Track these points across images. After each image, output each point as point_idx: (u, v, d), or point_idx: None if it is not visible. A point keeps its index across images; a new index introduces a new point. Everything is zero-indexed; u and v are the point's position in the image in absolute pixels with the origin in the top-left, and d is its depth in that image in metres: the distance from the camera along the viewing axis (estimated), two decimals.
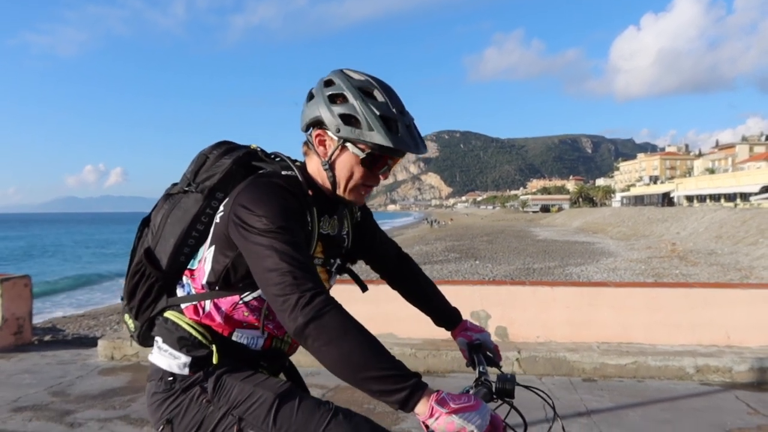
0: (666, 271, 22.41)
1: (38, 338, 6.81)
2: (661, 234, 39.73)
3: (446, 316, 1.96)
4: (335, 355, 1.26)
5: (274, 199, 1.42)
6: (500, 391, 1.55)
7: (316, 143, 1.54)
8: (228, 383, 1.50)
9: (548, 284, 5.78)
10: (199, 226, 1.57)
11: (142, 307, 1.61)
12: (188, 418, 1.50)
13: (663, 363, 5.00)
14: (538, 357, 5.17)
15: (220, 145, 1.66)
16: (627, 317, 5.50)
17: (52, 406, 4.38)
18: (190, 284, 1.58)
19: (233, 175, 1.58)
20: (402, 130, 1.46)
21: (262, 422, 1.45)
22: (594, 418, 4.06)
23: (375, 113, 1.45)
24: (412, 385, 1.25)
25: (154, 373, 1.58)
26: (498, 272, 22.53)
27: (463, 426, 1.23)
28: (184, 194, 1.60)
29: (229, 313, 1.54)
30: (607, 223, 57.57)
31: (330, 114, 1.48)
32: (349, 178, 1.52)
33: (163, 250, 1.58)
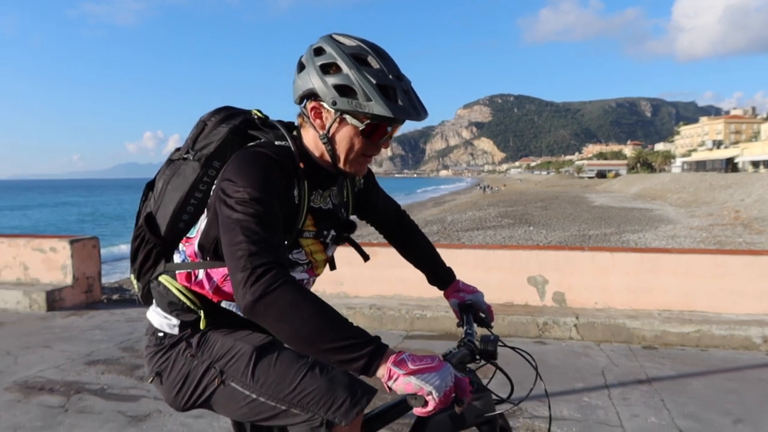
0: (729, 239, 21.50)
1: (107, 297, 7.15)
2: (724, 201, 38.04)
3: (440, 275, 1.97)
4: (288, 330, 1.23)
5: (256, 171, 1.38)
6: (483, 352, 1.55)
7: (312, 116, 1.49)
8: (211, 338, 1.56)
9: (608, 250, 5.63)
10: (197, 194, 1.55)
11: (142, 270, 1.64)
12: (175, 371, 1.57)
13: (728, 332, 4.83)
14: (596, 323, 5.07)
15: (219, 112, 1.62)
16: (690, 285, 5.32)
17: (122, 360, 4.61)
18: (185, 252, 1.59)
19: (229, 144, 1.55)
20: (401, 97, 1.40)
21: (241, 374, 1.49)
22: (655, 385, 3.98)
23: (371, 82, 1.38)
24: (370, 352, 1.23)
25: (148, 328, 1.66)
26: (552, 238, 22.14)
27: (420, 387, 1.21)
28: (184, 161, 1.58)
29: (220, 284, 1.55)
30: (666, 189, 55.49)
31: (324, 85, 1.41)
32: (350, 150, 1.48)
33: (162, 216, 1.58)
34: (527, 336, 5.08)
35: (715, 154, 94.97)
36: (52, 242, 6.70)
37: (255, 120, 1.61)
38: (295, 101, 1.53)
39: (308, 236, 1.57)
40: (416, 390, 1.21)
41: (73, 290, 6.58)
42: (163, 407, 3.64)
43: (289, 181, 1.46)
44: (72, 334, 5.38)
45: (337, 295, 5.95)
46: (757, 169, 71.35)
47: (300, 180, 1.49)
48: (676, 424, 3.37)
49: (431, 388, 1.21)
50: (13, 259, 6.88)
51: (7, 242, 6.95)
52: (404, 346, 4.79)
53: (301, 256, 1.58)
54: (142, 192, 1.69)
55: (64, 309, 6.37)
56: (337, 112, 1.43)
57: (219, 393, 1.52)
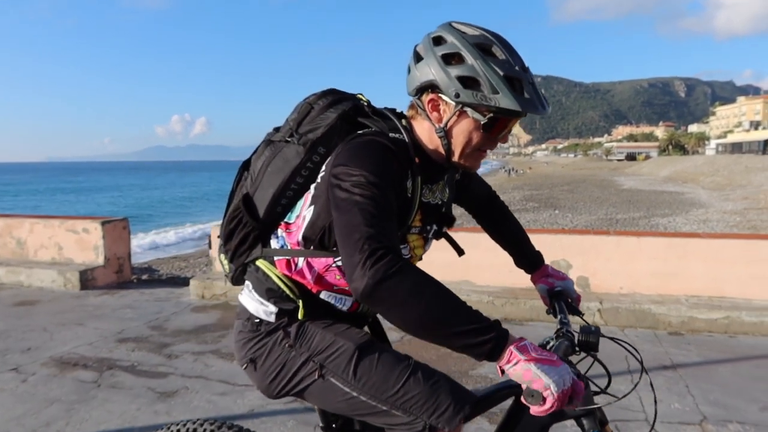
0: (764, 223, 20.97)
1: (137, 277, 7.33)
2: (761, 184, 37.02)
3: (529, 258, 1.93)
4: (410, 315, 1.19)
5: (373, 158, 1.34)
6: (583, 343, 1.47)
7: (429, 108, 1.43)
8: (310, 330, 1.52)
9: (634, 234, 5.55)
10: (298, 179, 1.50)
11: (237, 253, 1.62)
12: (271, 359, 1.54)
13: (759, 319, 4.74)
14: (620, 308, 5.03)
15: (326, 95, 1.56)
16: (720, 270, 5.22)
17: (151, 338, 4.74)
18: (285, 238, 1.55)
19: (337, 130, 1.49)
20: (527, 90, 1.34)
21: (342, 371, 1.47)
22: (680, 371, 3.94)
23: (498, 73, 1.32)
24: (495, 337, 1.19)
25: (242, 312, 1.62)
26: (578, 222, 21.88)
27: (539, 377, 1.17)
28: (286, 143, 1.52)
29: (321, 274, 1.51)
30: (699, 172, 54.23)
31: (446, 77, 1.35)
32: (467, 144, 1.43)
33: (261, 198, 1.54)
34: (550, 320, 5.06)
35: (753, 135, 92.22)
36: (85, 223, 6.88)
37: (364, 106, 1.56)
38: (410, 93, 1.48)
39: (414, 231, 1.54)
40: (533, 379, 1.18)
41: (104, 270, 6.76)
42: (190, 384, 3.74)
43: (404, 174, 1.42)
44: (104, 313, 5.54)
45: None
46: None
47: (414, 174, 1.45)
48: (700, 410, 3.34)
49: (550, 382, 1.17)
50: (48, 239, 7.08)
51: (42, 223, 7.15)
52: None
53: (406, 251, 1.54)
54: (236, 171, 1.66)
55: (96, 288, 6.55)
56: (459, 104, 1.37)
57: (316, 386, 1.51)
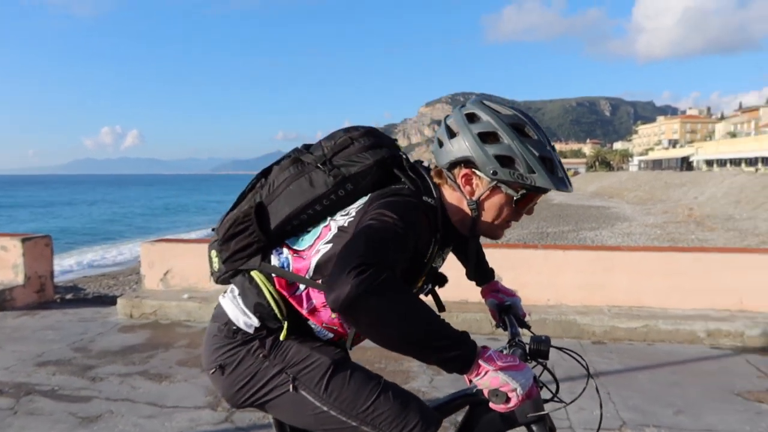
0: (682, 236, 22.23)
1: (60, 296, 7.00)
2: (679, 199, 39.27)
3: (482, 272, 1.99)
4: (389, 329, 1.20)
5: (406, 212, 1.37)
6: (534, 352, 1.57)
7: (462, 182, 1.48)
8: (286, 342, 1.53)
9: (561, 248, 5.78)
10: (317, 206, 1.51)
11: (233, 258, 1.58)
12: (242, 367, 1.54)
13: (674, 327, 5.02)
14: (548, 320, 5.21)
15: (368, 136, 1.57)
16: (640, 282, 5.51)
17: (74, 361, 4.53)
18: (290, 260, 1.53)
19: (370, 173, 1.52)
20: (557, 169, 1.43)
21: (315, 385, 1.50)
22: (602, 379, 4.12)
23: (534, 154, 1.40)
24: (467, 351, 1.25)
25: (219, 316, 1.60)
26: (511, 236, 22.50)
27: (507, 382, 1.26)
28: (316, 168, 1.52)
29: (318, 309, 1.52)
30: (623, 187, 56.94)
31: (483, 155, 1.42)
32: (497, 217, 1.49)
33: (274, 212, 1.53)
34: (480, 333, 5.18)
35: (671, 153, 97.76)
36: (3, 240, 6.51)
37: (401, 158, 1.58)
38: (444, 166, 1.51)
39: (413, 291, 1.58)
40: (502, 385, 1.25)
41: (24, 290, 6.41)
42: (115, 408, 3.60)
43: (429, 239, 1.47)
44: (23, 335, 5.25)
45: None
46: (711, 167, 73.78)
47: (436, 241, 1.50)
48: (620, 416, 3.50)
49: (517, 385, 1.26)
50: None
51: None
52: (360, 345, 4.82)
53: None
54: (254, 176, 1.64)
55: (15, 309, 6.19)
56: (494, 181, 1.44)
57: (286, 398, 1.52)
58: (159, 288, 6.32)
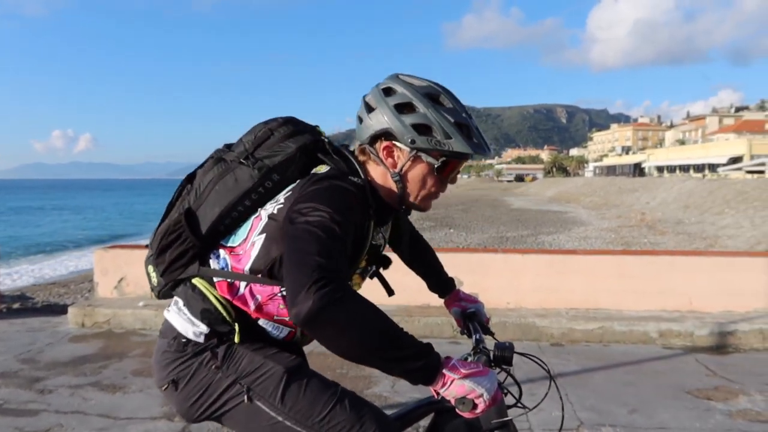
0: (635, 239, 22.88)
1: (6, 306, 6.70)
2: (632, 204, 40.40)
3: (442, 284, 2.02)
4: (351, 341, 1.22)
5: (339, 201, 1.37)
6: (498, 358, 1.59)
7: (384, 155, 1.50)
8: (239, 352, 1.50)
9: (519, 252, 5.87)
10: (247, 201, 1.51)
11: (170, 268, 1.57)
12: (195, 381, 1.50)
13: (628, 328, 5.15)
14: (507, 323, 5.27)
15: (288, 124, 1.58)
16: (595, 284, 5.63)
17: (21, 373, 4.35)
18: (228, 260, 1.52)
19: (294, 161, 1.54)
20: (475, 135, 1.46)
21: (269, 394, 1.46)
22: (560, 381, 4.18)
23: (449, 120, 1.43)
24: (431, 362, 1.26)
25: (167, 331, 1.56)
26: (472, 240, 22.75)
27: (473, 389, 1.26)
28: (240, 165, 1.53)
29: (264, 303, 1.49)
30: (579, 192, 58.29)
31: (401, 125, 1.44)
32: (422, 188, 1.51)
33: (204, 215, 1.53)
34: (442, 337, 5.21)
35: (624, 159, 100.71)
36: None
37: (324, 142, 1.59)
38: (363, 141, 1.52)
39: (357, 272, 1.58)
40: (468, 392, 1.26)
41: None
42: (65, 421, 3.47)
43: (364, 218, 1.46)
44: None
45: None
46: (662, 173, 76.26)
47: (371, 218, 1.49)
48: (577, 416, 3.56)
49: (483, 391, 1.26)
50: None
51: None
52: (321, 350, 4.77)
53: None
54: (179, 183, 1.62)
55: None
56: (413, 150, 1.45)
57: (240, 409, 1.47)
58: (113, 296, 6.14)
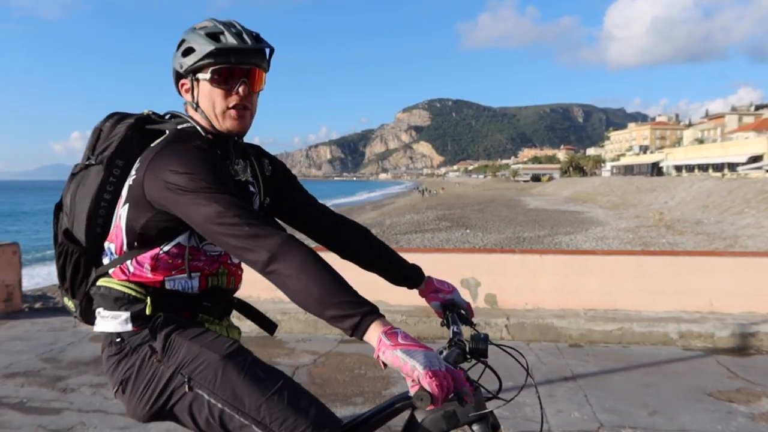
0: (653, 240, 22.64)
1: (28, 305, 6.82)
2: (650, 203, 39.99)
3: (406, 274, 1.89)
4: (297, 286, 1.31)
5: (196, 156, 1.45)
6: (473, 351, 1.55)
7: (184, 94, 1.61)
8: (177, 342, 1.51)
9: (537, 252, 5.83)
10: (105, 195, 1.59)
11: (75, 285, 1.64)
12: (140, 379, 1.52)
13: (647, 329, 5.10)
14: (526, 323, 5.25)
15: (111, 116, 1.67)
16: (614, 285, 5.59)
17: (44, 372, 4.41)
18: (111, 249, 1.59)
19: (130, 141, 1.61)
20: (227, 36, 1.51)
21: (209, 382, 1.47)
22: (579, 382, 4.16)
23: (201, 35, 1.52)
24: (363, 312, 1.28)
25: (104, 340, 1.60)
26: (488, 241, 22.67)
27: (406, 362, 1.21)
28: (86, 169, 1.60)
29: (153, 267, 1.54)
30: (596, 192, 57.79)
31: (175, 60, 1.57)
32: (213, 106, 1.55)
33: (78, 226, 1.60)
34: None
35: (642, 158, 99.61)
36: None
37: (150, 115, 1.68)
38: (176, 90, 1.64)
39: None
40: (401, 365, 1.22)
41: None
42: (87, 420, 3.51)
43: (215, 156, 1.53)
44: None
45: (271, 300, 5.90)
46: (680, 173, 75.33)
47: (214, 151, 1.56)
48: (597, 418, 3.53)
49: (415, 363, 1.20)
50: None
51: None
52: (339, 351, 4.80)
53: None
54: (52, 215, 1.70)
55: None
56: (188, 74, 1.55)
57: (185, 400, 1.49)
58: None
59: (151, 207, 1.48)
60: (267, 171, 1.79)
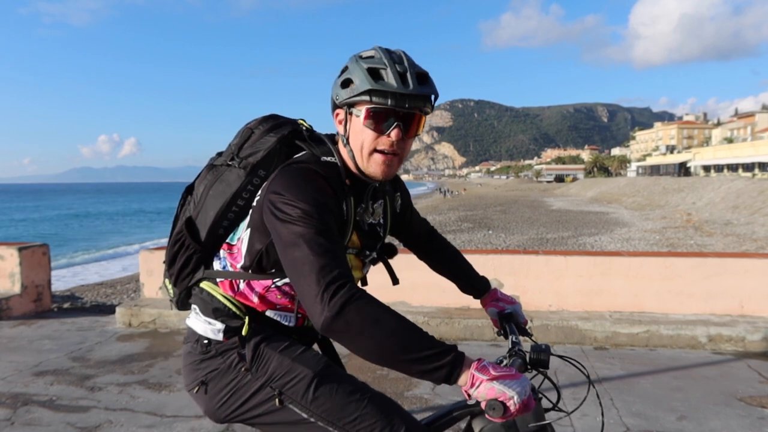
0: (681, 241, 22.24)
1: (57, 305, 6.95)
2: (677, 204, 39.33)
3: (474, 284, 1.99)
4: (369, 345, 1.24)
5: (308, 186, 1.39)
6: (534, 361, 1.55)
7: (337, 124, 1.54)
8: (266, 354, 1.52)
9: (561, 253, 5.76)
10: (239, 201, 1.55)
11: (180, 276, 1.64)
12: (224, 382, 1.53)
13: (675, 332, 5.01)
14: (550, 325, 5.19)
15: (267, 120, 1.63)
16: (640, 287, 5.49)
17: (72, 370, 4.49)
18: (227, 259, 1.59)
19: (277, 154, 1.56)
20: (389, 74, 1.41)
21: (301, 397, 1.48)
22: (605, 385, 4.09)
23: (363, 68, 1.42)
24: (452, 361, 1.25)
25: (190, 336, 1.62)
26: (511, 242, 22.51)
27: (503, 392, 1.24)
28: (227, 167, 1.58)
29: (263, 295, 1.55)
30: (621, 193, 57.03)
31: (334, 89, 1.49)
32: (362, 146, 1.47)
33: (203, 221, 1.58)
34: (483, 339, 5.16)
35: (669, 158, 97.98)
36: (0, 250, 6.48)
37: (303, 131, 1.62)
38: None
39: (351, 252, 1.58)
40: (498, 395, 1.24)
41: (21, 299, 6.37)
42: (114, 418, 3.57)
43: (339, 197, 1.47)
44: (20, 345, 5.22)
45: None
46: (708, 173, 73.95)
47: (347, 196, 1.50)
48: (623, 422, 3.47)
49: (513, 393, 1.24)
50: None
51: None
52: None
53: None
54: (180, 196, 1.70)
55: (12, 318, 6.16)
56: (344, 106, 1.48)
57: (273, 413, 1.50)
58: (158, 296, 6.29)
59: (266, 231, 1.44)
60: (398, 207, 1.80)
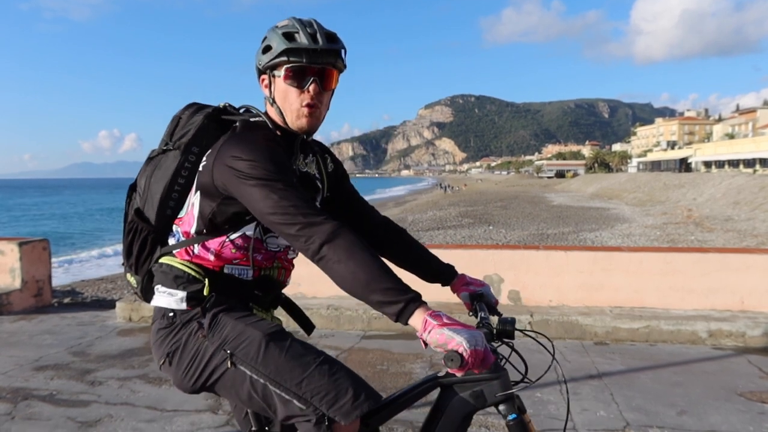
0: (681, 237, 22.23)
1: (58, 300, 6.96)
2: (678, 200, 39.28)
3: (442, 270, 1.97)
4: (345, 271, 1.39)
5: (257, 145, 1.52)
6: (500, 332, 1.62)
7: (263, 89, 1.67)
8: (223, 320, 1.60)
9: (561, 248, 5.76)
10: (180, 179, 1.67)
11: (140, 261, 1.72)
12: (186, 352, 1.61)
13: (676, 327, 5.00)
14: (550, 320, 5.19)
15: (190, 106, 1.76)
16: (640, 282, 5.49)
17: (72, 365, 4.50)
18: (180, 232, 1.68)
19: (206, 129, 1.68)
20: (301, 36, 1.56)
21: (251, 359, 1.54)
22: (605, 380, 4.09)
23: (279, 33, 1.57)
24: (408, 299, 1.37)
25: (156, 313, 1.70)
26: (512, 238, 22.50)
27: (452, 337, 1.32)
28: (163, 154, 1.70)
29: (218, 252, 1.64)
30: (622, 188, 56.94)
31: (257, 57, 1.64)
32: (287, 103, 1.61)
33: (150, 207, 1.69)
34: None
35: (670, 154, 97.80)
36: (0, 245, 6.48)
37: (227, 107, 1.77)
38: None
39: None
40: (448, 341, 1.32)
41: (21, 294, 6.37)
42: (115, 412, 3.57)
43: (280, 148, 1.59)
44: (20, 339, 5.22)
45: (293, 296, 5.92)
46: (709, 169, 73.83)
47: (282, 145, 1.62)
48: (623, 417, 3.47)
49: (462, 339, 1.31)
50: None
51: None
52: (361, 346, 4.81)
53: None
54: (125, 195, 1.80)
55: (12, 313, 6.16)
56: (266, 70, 1.62)
57: (227, 375, 1.57)
58: None
59: (218, 193, 1.56)
60: (329, 167, 1.89)
